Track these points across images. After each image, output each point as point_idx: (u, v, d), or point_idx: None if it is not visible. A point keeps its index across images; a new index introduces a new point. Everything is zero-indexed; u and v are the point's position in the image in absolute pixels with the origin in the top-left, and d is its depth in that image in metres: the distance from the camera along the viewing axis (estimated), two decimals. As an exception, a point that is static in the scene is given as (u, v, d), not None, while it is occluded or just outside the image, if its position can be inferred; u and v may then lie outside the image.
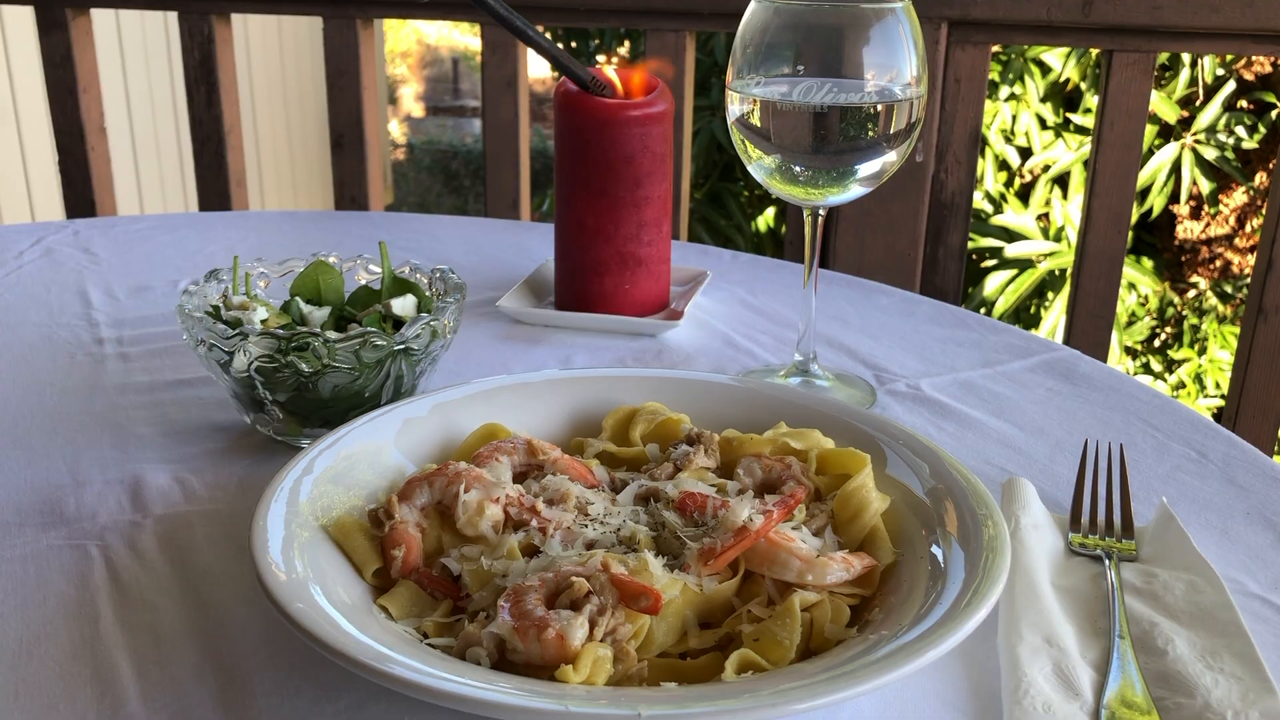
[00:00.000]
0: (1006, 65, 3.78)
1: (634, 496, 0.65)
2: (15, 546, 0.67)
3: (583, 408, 0.76)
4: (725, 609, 0.58)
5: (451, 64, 9.56)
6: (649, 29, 1.80)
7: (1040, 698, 0.54)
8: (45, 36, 2.04)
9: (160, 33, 4.04)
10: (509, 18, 0.92)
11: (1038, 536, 0.67)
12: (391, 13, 1.97)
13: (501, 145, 1.94)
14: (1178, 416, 0.87)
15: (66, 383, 0.91)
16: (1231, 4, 1.49)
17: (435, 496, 0.63)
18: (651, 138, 1.00)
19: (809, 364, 0.91)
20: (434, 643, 0.55)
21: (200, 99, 2.04)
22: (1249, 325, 1.63)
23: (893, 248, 1.75)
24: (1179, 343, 4.11)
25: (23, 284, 1.14)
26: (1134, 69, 1.60)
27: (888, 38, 0.78)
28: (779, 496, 0.63)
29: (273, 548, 0.57)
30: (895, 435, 0.70)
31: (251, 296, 0.84)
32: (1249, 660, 0.56)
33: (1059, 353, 0.99)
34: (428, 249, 1.27)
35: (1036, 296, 3.87)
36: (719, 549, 0.58)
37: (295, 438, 0.79)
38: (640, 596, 0.54)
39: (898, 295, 1.14)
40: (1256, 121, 3.79)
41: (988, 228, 3.81)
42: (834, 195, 0.82)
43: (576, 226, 1.03)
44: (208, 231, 1.33)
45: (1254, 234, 4.00)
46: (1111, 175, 1.65)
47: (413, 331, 0.76)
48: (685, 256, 1.25)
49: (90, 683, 0.56)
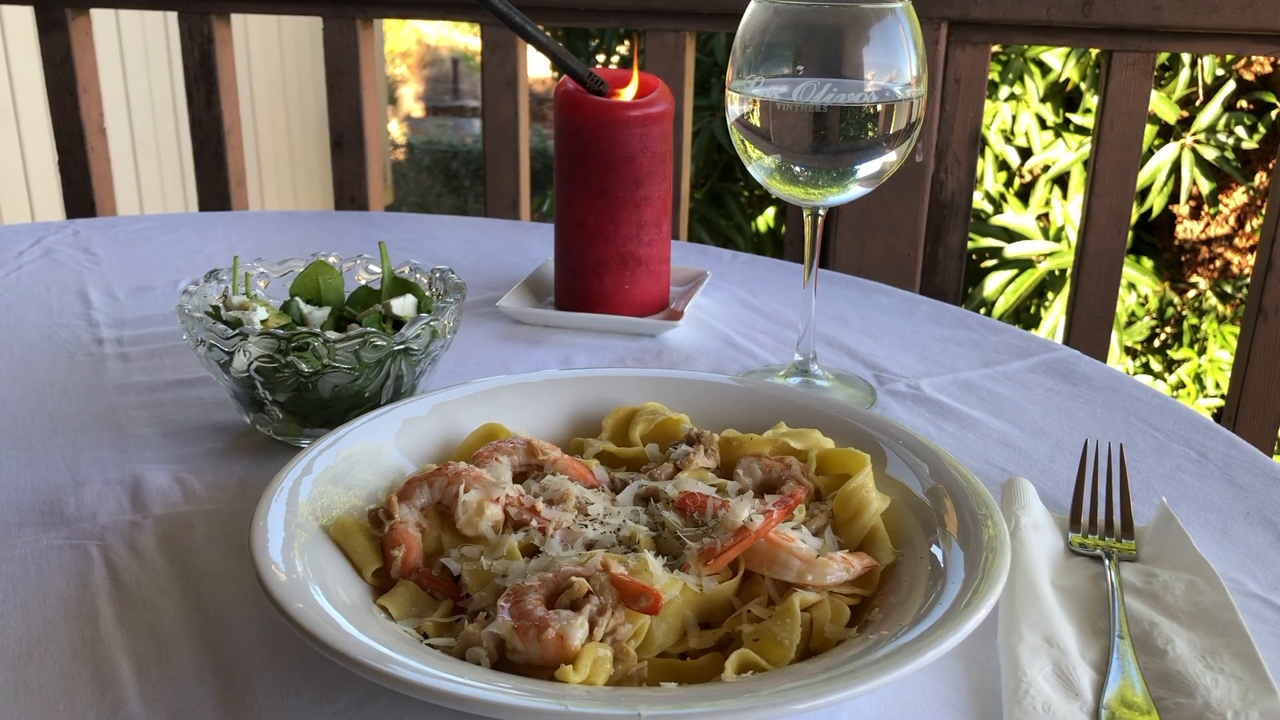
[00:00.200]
0: (1006, 65, 3.78)
1: (634, 496, 0.65)
2: (15, 546, 0.67)
3: (583, 408, 0.76)
4: (725, 609, 0.58)
5: (451, 64, 9.56)
6: (649, 29, 1.79)
7: (1040, 698, 0.54)
8: (45, 36, 2.04)
9: (160, 33, 4.04)
10: (509, 14, 0.92)
11: (1038, 536, 0.67)
12: (391, 13, 1.97)
13: (501, 145, 1.94)
14: (1178, 416, 0.87)
15: (66, 383, 0.91)
16: (1231, 4, 1.49)
17: (435, 496, 0.63)
18: (651, 138, 1.00)
19: (809, 364, 0.91)
20: (434, 643, 0.55)
21: (200, 99, 2.04)
22: (1249, 325, 1.63)
23: (893, 248, 1.75)
24: (1179, 343, 4.11)
25: (23, 284, 1.14)
26: (1134, 69, 1.60)
27: (888, 38, 0.78)
28: (779, 496, 0.63)
29: (273, 548, 0.57)
30: (895, 435, 0.70)
31: (251, 296, 0.84)
32: (1249, 660, 0.56)
33: (1059, 353, 0.99)
34: (428, 249, 1.27)
35: (1036, 296, 3.87)
36: (719, 549, 0.58)
37: (295, 438, 0.79)
38: (640, 596, 0.54)
39: (898, 295, 1.14)
40: (1256, 121, 3.79)
41: (988, 228, 3.81)
42: (834, 195, 0.82)
43: (576, 226, 1.03)
44: (208, 231, 1.33)
45: (1254, 234, 4.00)
46: (1111, 175, 1.65)
47: (413, 331, 0.76)
48: (685, 256, 1.25)
49: (90, 683, 0.56)
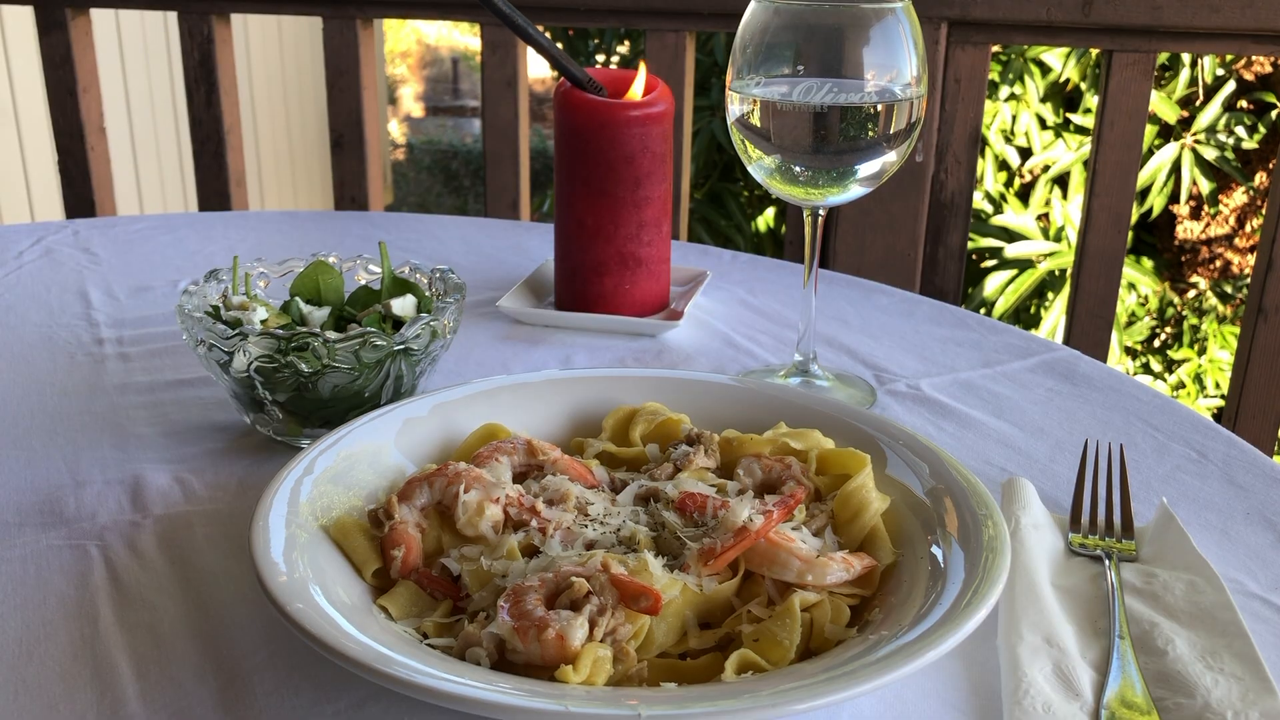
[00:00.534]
0: (1006, 65, 3.78)
1: (634, 497, 0.65)
2: (15, 546, 0.67)
3: (583, 408, 0.76)
4: (725, 609, 0.58)
5: (451, 64, 9.56)
6: (649, 29, 1.79)
7: (1040, 698, 0.54)
8: (45, 36, 2.04)
9: (160, 33, 4.04)
10: (511, 15, 0.92)
11: (1038, 537, 0.67)
12: (391, 13, 1.97)
13: (501, 145, 1.94)
14: (1178, 416, 0.87)
15: (66, 383, 0.91)
16: (1231, 4, 1.49)
17: (435, 497, 0.63)
18: (651, 138, 1.00)
19: (809, 364, 0.91)
20: (434, 643, 0.55)
21: (200, 99, 2.04)
22: (1249, 325, 1.63)
23: (893, 248, 1.75)
24: (1179, 343, 4.11)
25: (23, 284, 1.14)
26: (1134, 69, 1.60)
27: (888, 38, 0.78)
28: (779, 497, 0.63)
29: (273, 548, 0.57)
30: (895, 435, 0.70)
31: (251, 296, 0.84)
32: (1249, 660, 0.56)
33: (1059, 353, 0.99)
34: (428, 249, 1.27)
35: (1036, 297, 3.87)
36: (719, 549, 0.58)
37: (295, 438, 0.79)
38: (640, 597, 0.54)
39: (898, 295, 1.14)
40: (1256, 122, 3.79)
41: (988, 228, 3.81)
42: (834, 195, 0.82)
43: (576, 226, 1.03)
44: (208, 231, 1.33)
45: (1254, 234, 4.00)
46: (1111, 175, 1.65)
47: (413, 331, 0.76)
48: (685, 256, 1.25)
49: (90, 683, 0.56)
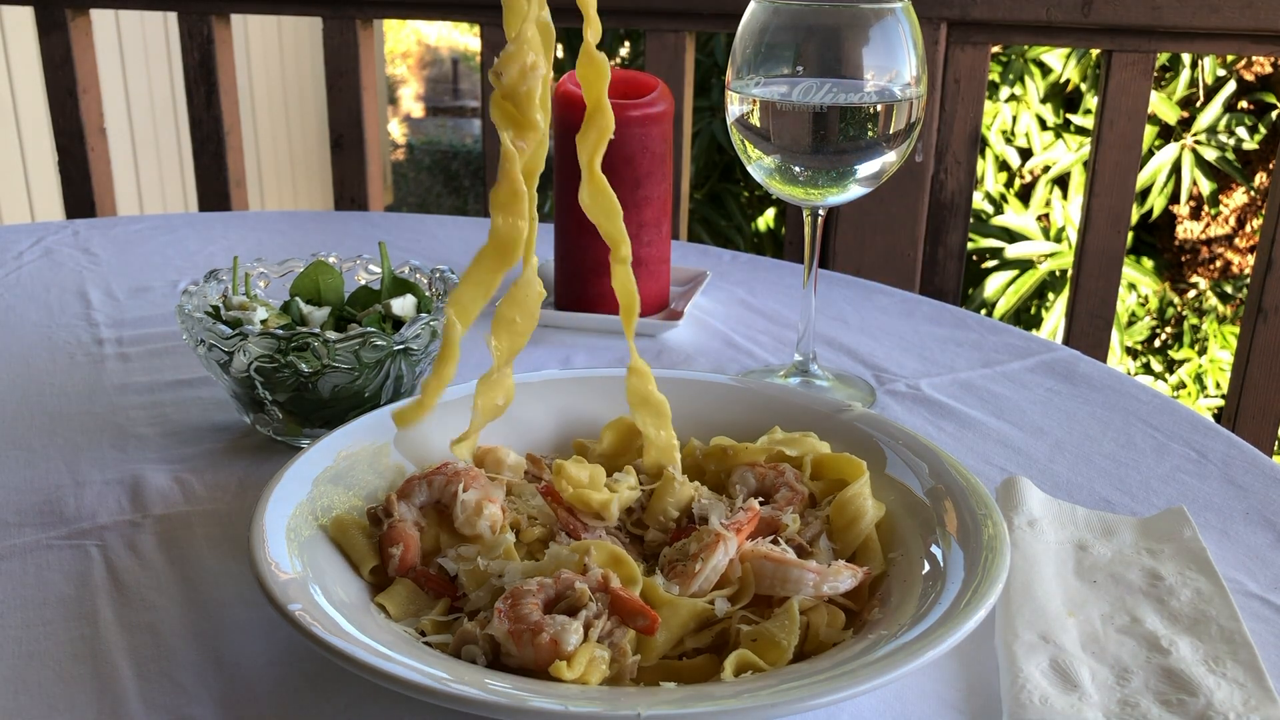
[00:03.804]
0: (1006, 66, 3.78)
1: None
2: (15, 546, 0.67)
3: (582, 408, 0.76)
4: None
5: (451, 64, 9.56)
6: (649, 29, 1.79)
7: (1037, 691, 0.54)
8: (45, 37, 2.04)
9: (160, 33, 4.04)
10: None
11: (1034, 534, 0.67)
12: (391, 13, 1.97)
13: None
14: (1178, 417, 0.87)
15: (66, 383, 0.91)
16: (1231, 4, 1.49)
17: (434, 495, 0.63)
18: (651, 138, 1.00)
19: (808, 364, 0.91)
20: (431, 641, 0.55)
21: (200, 99, 2.04)
22: (1249, 325, 1.63)
23: (892, 248, 1.75)
24: (1179, 343, 4.11)
25: (23, 284, 1.14)
26: (1134, 69, 1.60)
27: (887, 38, 0.78)
28: (745, 512, 0.62)
29: (272, 548, 0.57)
30: (894, 435, 0.70)
31: (251, 297, 0.84)
32: (1252, 669, 0.56)
33: (1059, 353, 0.99)
34: (427, 249, 1.27)
35: (1037, 297, 3.87)
36: (695, 569, 0.57)
37: (295, 438, 0.79)
38: (638, 616, 0.54)
39: (897, 295, 1.14)
40: (1256, 122, 3.79)
41: (988, 228, 3.81)
42: (834, 195, 0.82)
43: (576, 226, 1.03)
44: (208, 232, 1.33)
45: (1254, 234, 4.00)
46: (1111, 175, 1.65)
47: (412, 331, 0.76)
48: (685, 256, 1.25)
49: (90, 683, 0.56)
